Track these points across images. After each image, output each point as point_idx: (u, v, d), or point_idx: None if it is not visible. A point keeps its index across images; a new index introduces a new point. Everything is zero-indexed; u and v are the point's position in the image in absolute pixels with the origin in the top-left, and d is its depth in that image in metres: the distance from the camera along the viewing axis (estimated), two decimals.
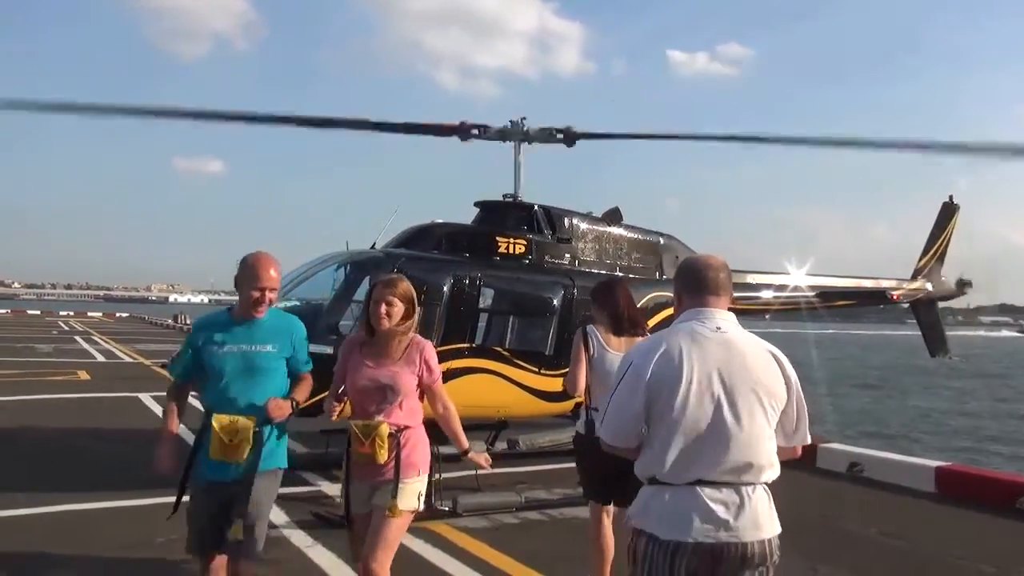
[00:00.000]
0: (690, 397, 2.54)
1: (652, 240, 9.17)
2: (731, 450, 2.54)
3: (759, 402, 2.59)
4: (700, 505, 2.51)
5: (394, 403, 3.68)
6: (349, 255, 7.41)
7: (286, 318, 3.88)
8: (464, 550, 5.60)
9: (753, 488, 2.60)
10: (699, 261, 2.88)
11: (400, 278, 3.81)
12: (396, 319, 3.70)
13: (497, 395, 7.07)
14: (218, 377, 3.62)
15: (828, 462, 8.90)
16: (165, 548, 5.43)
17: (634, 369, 2.64)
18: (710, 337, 2.64)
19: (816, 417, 20.15)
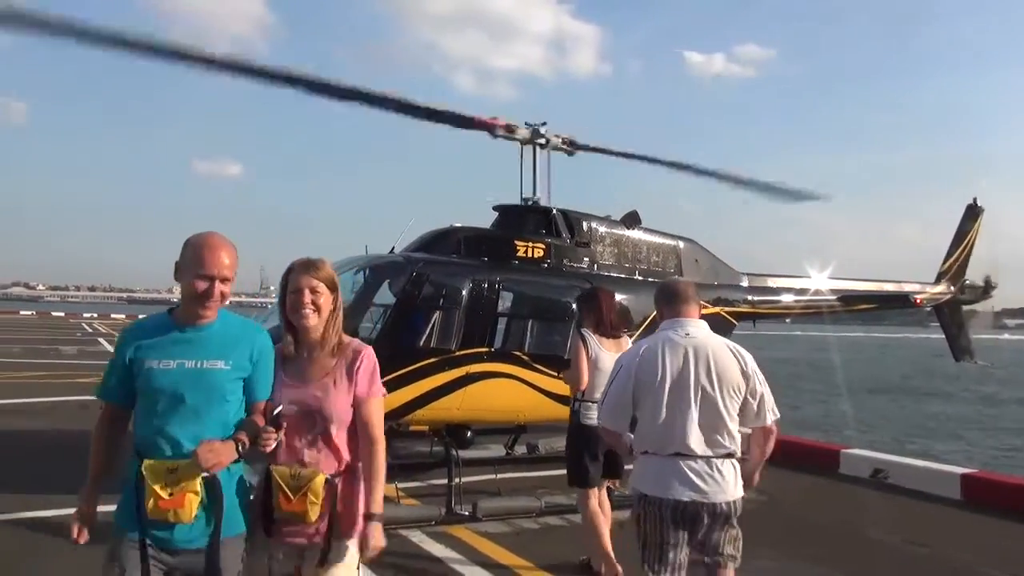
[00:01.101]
0: (666, 389, 3.38)
1: (671, 243, 9.13)
2: (699, 430, 3.34)
3: (721, 391, 3.37)
4: (679, 472, 3.32)
5: (328, 436, 2.76)
6: (368, 259, 7.44)
7: (244, 325, 2.81)
8: (484, 554, 5.61)
9: (721, 461, 3.35)
10: (672, 282, 3.99)
11: (322, 260, 2.87)
12: (325, 313, 2.80)
13: (516, 399, 7.06)
14: (151, 404, 2.62)
15: (851, 468, 8.81)
16: None
17: (624, 370, 3.52)
18: (680, 341, 3.45)
19: (837, 422, 20.00)
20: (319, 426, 2.76)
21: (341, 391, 2.77)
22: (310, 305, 2.77)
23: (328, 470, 2.74)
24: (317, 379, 2.79)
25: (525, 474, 7.97)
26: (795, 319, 11.34)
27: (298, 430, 2.76)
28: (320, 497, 2.68)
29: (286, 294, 2.82)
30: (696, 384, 3.37)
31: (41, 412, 12.07)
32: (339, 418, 2.76)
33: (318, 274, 2.81)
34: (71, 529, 2.72)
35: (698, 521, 3.33)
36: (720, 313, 9.18)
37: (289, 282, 2.83)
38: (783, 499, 7.52)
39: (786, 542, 6.13)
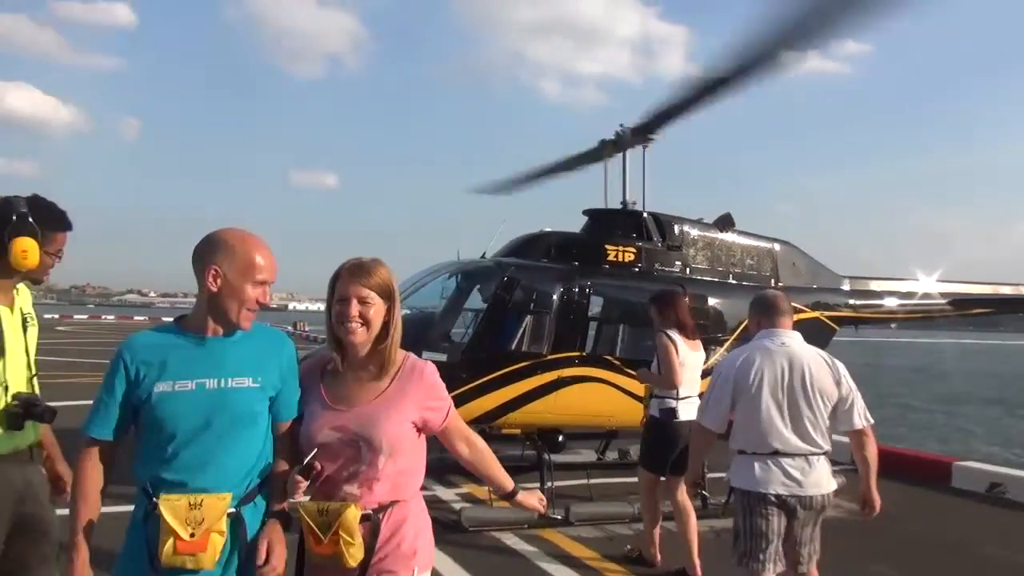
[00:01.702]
0: (764, 394, 3.69)
1: (766, 246, 8.87)
2: (795, 430, 3.68)
3: (814, 396, 3.70)
4: (777, 468, 3.67)
5: (374, 467, 2.32)
6: (460, 264, 7.56)
7: (269, 333, 2.45)
8: (577, 558, 5.58)
9: (816, 457, 3.70)
10: (768, 294, 4.12)
11: (375, 262, 2.40)
12: (376, 326, 2.36)
13: (607, 404, 7.01)
14: (167, 434, 2.22)
15: (965, 481, 8.32)
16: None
17: (723, 377, 3.83)
18: (776, 350, 3.78)
19: (947, 433, 18.92)
20: (364, 457, 2.30)
21: (393, 416, 2.33)
22: (357, 318, 2.32)
23: (370, 504, 2.31)
24: (365, 403, 2.35)
25: (616, 480, 7.89)
26: (901, 324, 10.81)
27: (339, 461, 2.32)
28: (356, 535, 2.23)
29: (332, 303, 2.37)
30: (791, 390, 3.70)
31: None
32: (390, 447, 2.31)
33: (369, 280, 2.34)
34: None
35: (794, 514, 3.68)
36: (819, 318, 8.86)
37: (336, 289, 2.37)
38: (894, 513, 7.11)
39: (900, 558, 5.88)
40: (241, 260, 2.29)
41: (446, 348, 6.83)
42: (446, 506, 6.92)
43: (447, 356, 6.71)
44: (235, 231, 2.36)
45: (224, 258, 2.29)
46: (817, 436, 3.70)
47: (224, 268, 2.28)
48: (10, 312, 2.95)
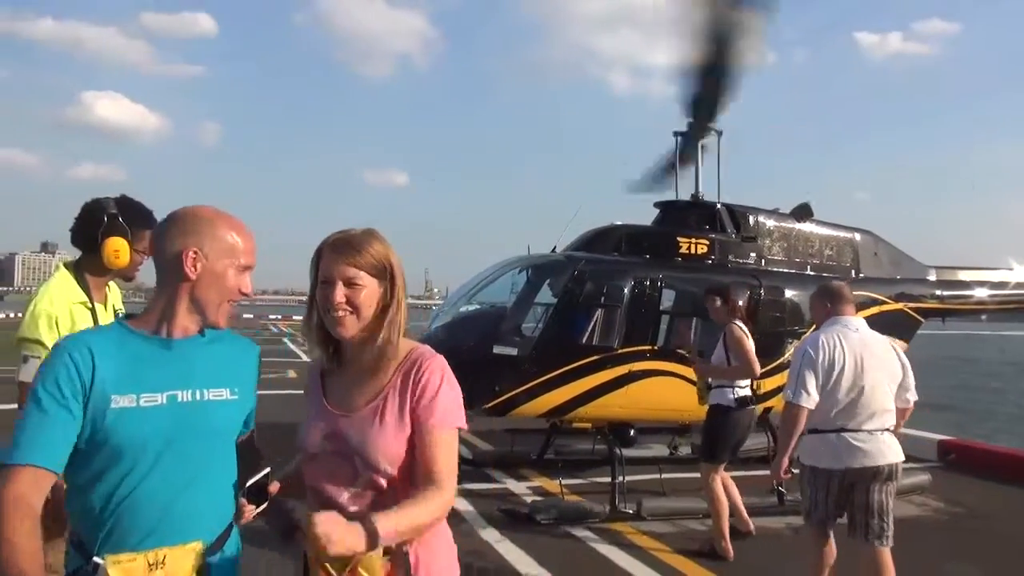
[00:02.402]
0: (844, 374, 4.01)
1: (847, 236, 8.58)
2: (866, 408, 4.02)
3: (883, 378, 4.09)
4: (846, 443, 4.00)
5: (378, 488, 1.85)
6: (530, 259, 7.58)
7: (233, 336, 1.99)
8: (650, 553, 5.54)
9: (883, 433, 4.05)
10: (834, 284, 4.47)
11: (366, 234, 1.90)
12: (368, 313, 1.88)
13: (680, 398, 6.92)
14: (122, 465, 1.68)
15: None
16: None
17: (810, 358, 4.07)
18: (852, 335, 4.14)
19: None
20: (362, 475, 1.83)
21: (390, 424, 1.83)
22: (344, 305, 1.84)
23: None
24: (360, 407, 1.88)
25: (689, 475, 7.78)
26: (992, 316, 10.29)
27: (337, 479, 1.86)
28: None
29: (315, 287, 1.90)
30: (865, 372, 4.04)
31: None
32: (389, 463, 1.82)
33: (357, 257, 1.85)
34: None
35: (855, 486, 4.01)
36: (903, 309, 8.53)
37: (318, 270, 1.89)
38: (983, 512, 6.89)
39: (989, 559, 5.64)
40: (224, 240, 1.84)
41: (517, 342, 6.87)
42: (517, 499, 6.97)
43: (518, 350, 6.75)
44: (209, 207, 1.90)
45: (204, 238, 1.82)
46: (884, 414, 4.08)
47: (205, 250, 1.81)
48: (104, 309, 3.13)
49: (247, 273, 1.90)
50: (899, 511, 6.74)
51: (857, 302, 8.03)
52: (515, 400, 6.69)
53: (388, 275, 1.90)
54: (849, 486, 4.02)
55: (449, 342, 6.93)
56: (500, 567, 5.21)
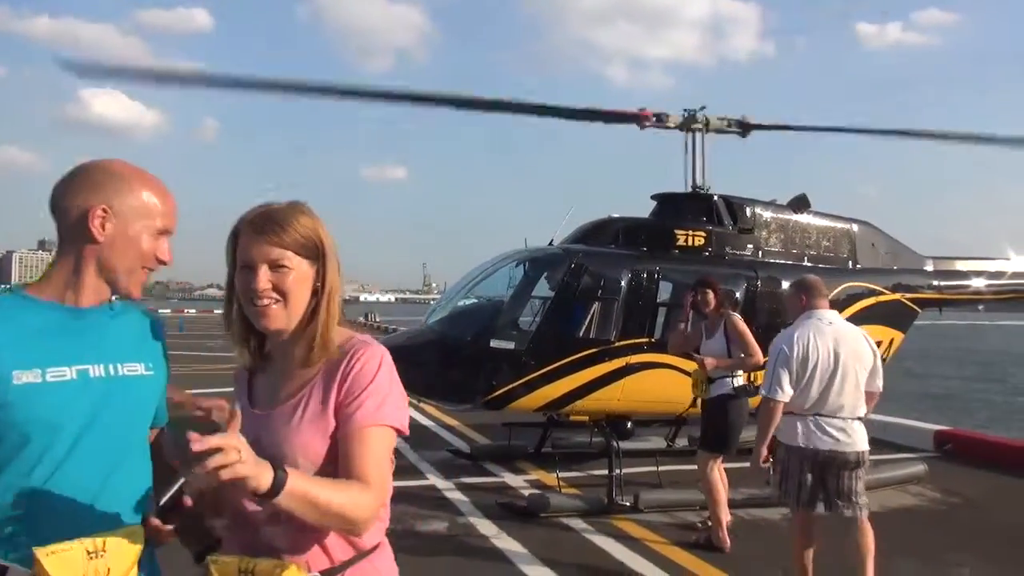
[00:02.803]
0: (819, 367, 4.29)
1: (844, 227, 8.58)
2: (839, 397, 4.30)
3: (855, 368, 4.33)
4: (820, 428, 4.29)
5: None
6: (527, 252, 7.56)
7: (137, 309, 1.76)
8: (647, 546, 5.55)
9: (854, 421, 4.33)
10: (809, 279, 4.70)
11: (292, 209, 1.63)
12: (299, 300, 1.62)
13: (677, 390, 6.90)
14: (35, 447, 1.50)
15: None
16: None
17: (786, 352, 4.34)
18: (826, 329, 4.40)
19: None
20: None
21: (310, 419, 1.57)
22: (270, 293, 1.57)
23: (314, 559, 1.55)
24: (280, 403, 1.62)
25: (686, 467, 7.80)
26: (989, 306, 10.30)
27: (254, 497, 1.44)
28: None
29: (234, 273, 1.62)
30: (838, 362, 4.31)
31: None
32: (310, 464, 1.55)
33: (281, 235, 1.56)
34: None
35: (830, 467, 4.28)
36: (900, 300, 8.54)
37: (236, 253, 1.61)
38: (978, 502, 6.91)
39: (985, 548, 5.66)
40: (138, 199, 1.61)
41: (514, 336, 6.87)
42: (515, 493, 6.97)
43: (515, 344, 6.75)
44: (121, 160, 1.66)
45: (114, 195, 1.59)
46: (856, 401, 4.35)
47: (115, 209, 1.58)
48: None
49: (165, 238, 1.66)
50: (896, 501, 6.84)
51: (855, 293, 8.15)
52: (512, 394, 6.69)
53: (319, 255, 1.62)
54: (822, 469, 4.30)
55: (446, 336, 6.94)
56: (498, 561, 5.22)
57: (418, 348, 7.02)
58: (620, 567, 5.15)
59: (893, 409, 13.81)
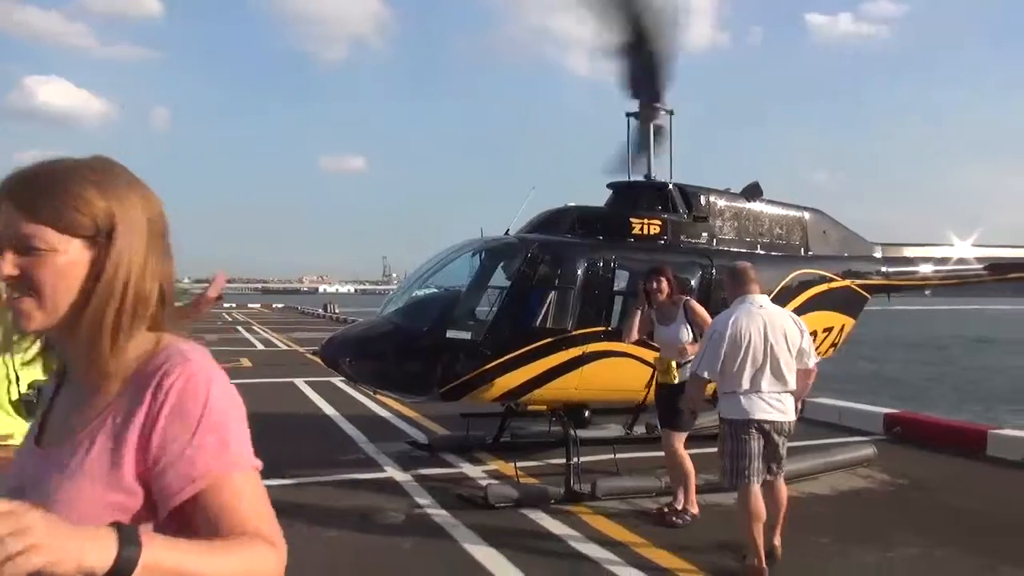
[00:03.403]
0: (750, 346, 4.76)
1: (796, 215, 8.70)
2: (773, 373, 4.79)
3: (785, 347, 4.82)
4: (761, 401, 4.78)
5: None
6: (483, 242, 7.51)
7: None
8: (603, 533, 5.58)
9: (786, 393, 4.85)
10: (739, 266, 5.18)
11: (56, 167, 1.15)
12: (61, 296, 1.13)
13: (635, 379, 6.95)
14: None
15: (1000, 449, 8.14)
16: (319, 523, 5.76)
17: (719, 334, 4.85)
18: (756, 312, 4.87)
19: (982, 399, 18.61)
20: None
21: (92, 472, 1.12)
22: (18, 284, 1.13)
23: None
24: (61, 441, 1.18)
25: (644, 454, 7.87)
26: (936, 291, 10.55)
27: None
28: None
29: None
30: (768, 341, 4.78)
31: None
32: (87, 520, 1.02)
33: (35, 207, 1.12)
34: None
35: (768, 436, 4.79)
36: (851, 287, 8.69)
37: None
38: (927, 483, 7.08)
39: (932, 529, 5.79)
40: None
41: (470, 326, 6.83)
42: (473, 483, 6.95)
43: (471, 334, 6.71)
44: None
45: None
46: (788, 376, 4.83)
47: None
48: None
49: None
50: (846, 484, 6.98)
51: (806, 280, 8.26)
52: (470, 384, 6.65)
53: (104, 234, 1.14)
54: (764, 440, 4.80)
55: (402, 327, 6.87)
56: (455, 553, 5.20)
57: (373, 339, 6.94)
58: (577, 555, 5.17)
59: (846, 393, 14.12)
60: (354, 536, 5.53)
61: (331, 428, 9.88)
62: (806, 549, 5.25)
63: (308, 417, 10.75)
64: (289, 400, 12.26)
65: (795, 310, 8.06)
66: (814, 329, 8.30)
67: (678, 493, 5.96)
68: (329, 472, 7.35)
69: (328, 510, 6.05)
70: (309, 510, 6.02)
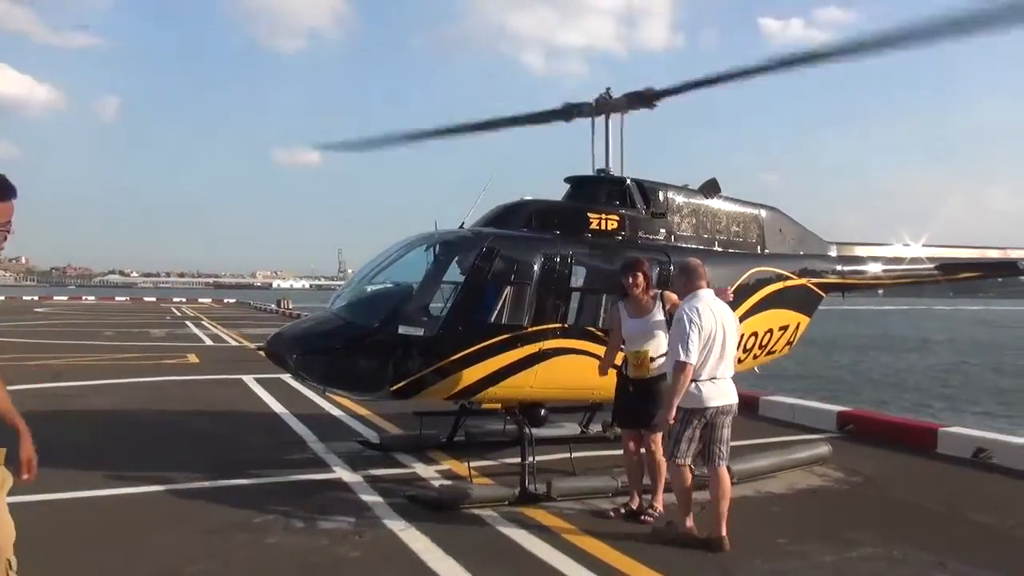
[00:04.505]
0: (714, 336, 5.22)
1: (753, 212, 8.67)
2: (724, 361, 5.26)
3: (731, 337, 5.32)
4: (714, 389, 5.21)
5: None
6: (437, 235, 7.27)
7: None
8: (557, 535, 5.41)
9: (729, 380, 5.32)
10: (691, 263, 5.60)
11: None
12: None
13: (591, 376, 6.80)
14: None
15: (950, 447, 8.25)
16: (260, 529, 5.49)
17: (695, 323, 5.16)
18: (711, 306, 5.31)
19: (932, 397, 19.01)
20: None
21: None
22: None
23: None
24: None
25: (601, 453, 7.75)
26: (888, 291, 10.69)
27: None
28: None
29: None
30: (724, 332, 5.26)
31: (124, 392, 12.53)
32: None
33: None
34: None
35: (715, 420, 5.21)
36: (806, 285, 8.70)
37: None
38: (879, 480, 7.10)
39: (887, 526, 5.78)
40: None
41: (423, 322, 6.61)
42: (425, 483, 6.74)
43: (424, 330, 6.49)
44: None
45: None
46: (732, 364, 5.35)
47: None
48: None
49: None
50: (803, 482, 6.95)
51: (763, 278, 8.25)
52: (422, 382, 6.44)
53: None
54: (711, 422, 5.19)
55: (351, 323, 6.61)
56: (404, 557, 4.98)
57: (321, 335, 6.66)
58: (531, 558, 4.99)
59: (800, 392, 14.24)
60: (296, 542, 5.26)
61: (279, 427, 9.55)
62: (764, 550, 5.16)
63: (255, 415, 10.40)
64: (236, 397, 11.87)
65: (751, 308, 8.07)
66: (770, 327, 8.33)
67: (657, 492, 5.92)
68: (274, 473, 7.07)
69: (270, 514, 5.78)
70: (249, 514, 5.75)
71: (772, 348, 8.45)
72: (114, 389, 12.74)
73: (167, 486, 6.56)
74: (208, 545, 5.16)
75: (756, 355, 8.29)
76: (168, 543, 5.23)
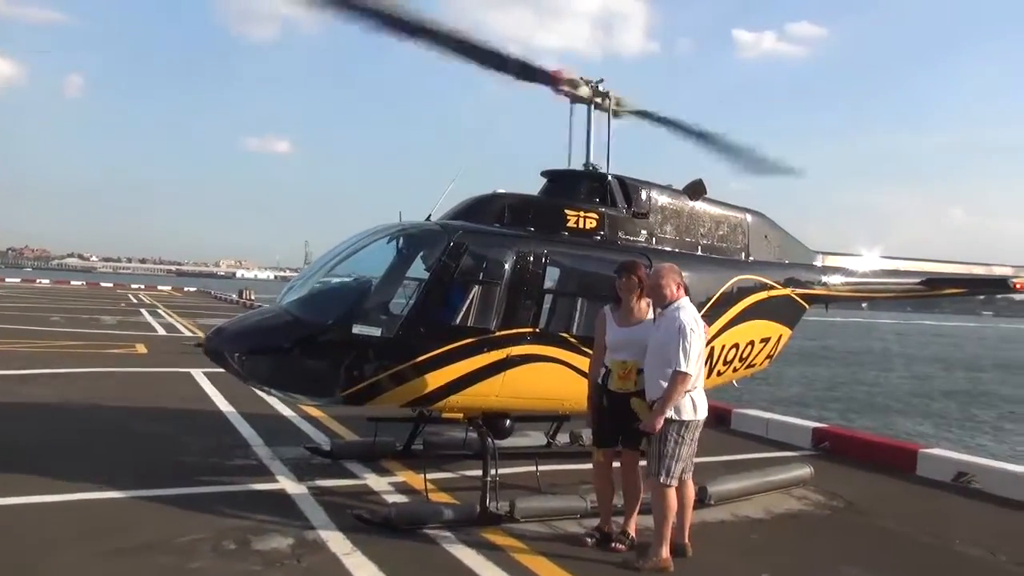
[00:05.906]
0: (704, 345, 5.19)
1: (738, 217, 8.19)
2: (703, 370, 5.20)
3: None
4: (701, 399, 5.09)
5: None
6: (401, 227, 6.66)
7: None
8: (518, 562, 4.87)
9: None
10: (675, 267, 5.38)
11: None
12: None
13: (562, 386, 6.29)
14: None
15: (930, 470, 7.94)
16: (185, 550, 4.85)
17: (697, 334, 4.99)
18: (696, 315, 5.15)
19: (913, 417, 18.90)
20: None
21: None
22: None
23: None
24: None
25: (568, 467, 7.23)
26: (873, 304, 10.37)
27: None
28: None
29: None
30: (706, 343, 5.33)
31: (60, 382, 11.72)
32: None
33: None
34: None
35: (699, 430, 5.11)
36: (791, 295, 8.27)
37: None
38: (862, 505, 6.70)
39: (878, 560, 5.39)
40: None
41: (381, 321, 6.02)
42: (377, 498, 6.15)
43: (382, 330, 5.90)
44: None
45: None
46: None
47: None
48: None
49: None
50: (782, 505, 6.51)
51: (747, 287, 7.78)
52: (377, 387, 5.85)
53: None
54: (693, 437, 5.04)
55: (302, 320, 5.99)
56: None
57: (267, 332, 6.02)
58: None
59: (776, 407, 13.90)
60: (224, 568, 4.61)
61: (223, 427, 8.86)
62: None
63: (198, 414, 9.68)
64: (180, 393, 11.12)
65: (734, 318, 7.61)
66: (751, 339, 7.87)
67: (631, 516, 5.43)
68: (210, 482, 6.42)
69: (199, 532, 5.13)
70: (174, 531, 5.11)
71: (752, 361, 7.99)
72: (46, 380, 11.90)
73: (85, 495, 5.87)
74: (117, 571, 4.50)
75: (736, 368, 7.83)
76: (66, 568, 4.54)
